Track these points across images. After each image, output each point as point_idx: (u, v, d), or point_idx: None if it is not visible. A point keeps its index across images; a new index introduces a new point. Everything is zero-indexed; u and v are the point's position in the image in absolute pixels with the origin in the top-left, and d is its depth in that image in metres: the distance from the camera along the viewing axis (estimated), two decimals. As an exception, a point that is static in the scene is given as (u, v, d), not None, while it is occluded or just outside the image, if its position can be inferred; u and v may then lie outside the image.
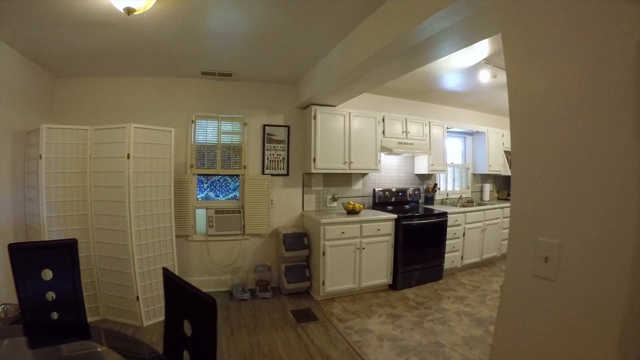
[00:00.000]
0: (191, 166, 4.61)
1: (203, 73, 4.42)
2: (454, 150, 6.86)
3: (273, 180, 4.85)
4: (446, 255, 5.28)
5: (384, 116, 5.09)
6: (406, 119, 5.31)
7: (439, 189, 6.18)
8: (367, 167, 4.95)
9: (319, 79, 3.90)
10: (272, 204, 4.83)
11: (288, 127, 4.95)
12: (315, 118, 4.56)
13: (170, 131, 3.88)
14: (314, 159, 4.56)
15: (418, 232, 4.84)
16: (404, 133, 5.26)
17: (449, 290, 4.87)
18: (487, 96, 5.73)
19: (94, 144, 3.64)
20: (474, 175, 7.10)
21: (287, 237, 4.54)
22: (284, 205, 4.95)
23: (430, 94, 5.57)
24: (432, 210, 5.31)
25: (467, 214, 5.60)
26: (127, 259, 3.51)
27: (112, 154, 3.57)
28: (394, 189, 5.51)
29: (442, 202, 6.31)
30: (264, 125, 4.86)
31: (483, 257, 6.00)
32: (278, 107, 4.94)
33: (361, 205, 4.73)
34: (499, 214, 6.29)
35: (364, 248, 4.43)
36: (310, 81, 4.26)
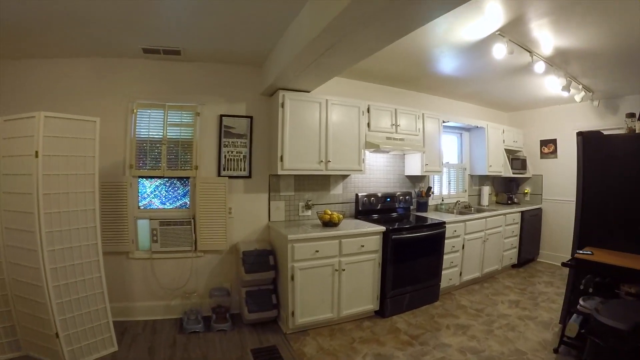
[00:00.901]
0: (131, 167, 3.77)
1: (145, 50, 3.59)
2: (449, 148, 6.13)
3: (232, 184, 4.03)
4: (443, 272, 4.55)
5: (369, 105, 4.32)
6: (396, 110, 4.55)
7: (432, 193, 5.43)
8: (348, 168, 4.16)
9: (286, 52, 3.08)
10: (230, 213, 4.00)
11: (251, 118, 4.13)
12: (283, 106, 3.74)
13: (95, 122, 3.03)
14: (282, 158, 3.74)
15: (411, 247, 4.09)
16: (393, 126, 4.50)
17: (448, 316, 4.12)
18: (491, 85, 5.05)
19: (3, 138, 2.87)
20: (471, 176, 6.40)
21: (248, 255, 3.71)
22: (246, 215, 4.12)
23: (424, 80, 4.86)
24: (427, 219, 4.58)
25: (467, 223, 4.88)
26: (41, 286, 2.72)
27: (20, 152, 2.78)
28: (380, 194, 4.75)
29: (437, 208, 5.60)
30: (221, 116, 4.02)
31: (484, 271, 5.32)
32: (239, 93, 4.11)
33: (341, 215, 3.93)
34: (501, 222, 5.59)
35: (344, 269, 3.63)
36: (277, 59, 3.44)
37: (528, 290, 5.07)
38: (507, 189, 7.07)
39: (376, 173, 4.90)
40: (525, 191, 7.03)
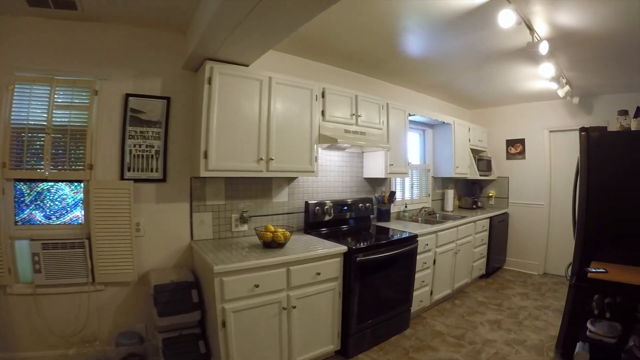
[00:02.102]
0: (3, 165, 2.68)
1: (31, 3, 2.53)
2: (411, 147, 5.44)
3: (140, 190, 3.03)
4: (414, 293, 3.87)
5: (324, 89, 3.51)
6: (356, 97, 3.79)
7: (395, 198, 4.72)
8: (296, 168, 3.31)
9: (212, 1, 2.18)
10: (138, 230, 3.02)
11: (168, 99, 3.15)
12: (210, 82, 2.82)
13: None
14: (206, 154, 2.80)
15: (379, 269, 3.33)
16: (354, 117, 3.74)
17: (425, 348, 3.44)
18: (463, 74, 4.52)
19: None
20: (434, 179, 5.79)
21: (162, 290, 2.76)
22: (160, 232, 3.13)
23: (390, 64, 4.20)
24: (393, 232, 3.87)
25: (438, 234, 4.23)
26: None
27: None
28: (335, 202, 3.94)
29: (399, 217, 4.94)
30: (127, 96, 3.01)
31: (455, 286, 4.76)
32: (154, 66, 3.12)
33: (287, 233, 3.06)
34: (471, 230, 5.06)
35: (294, 306, 2.77)
36: (201, 15, 2.53)
37: (505, 306, 4.59)
38: (470, 193, 6.59)
39: (330, 175, 4.11)
40: (490, 194, 6.59)
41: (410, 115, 4.57)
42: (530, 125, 6.16)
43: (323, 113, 3.46)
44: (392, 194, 4.53)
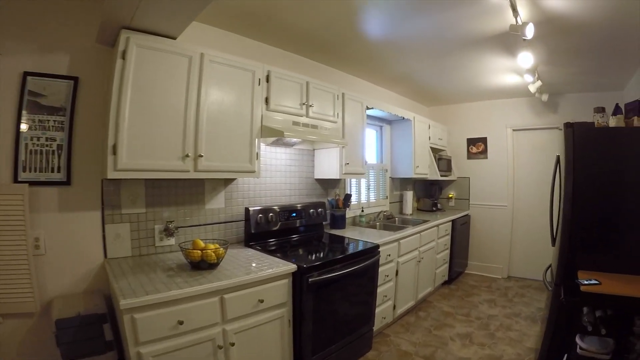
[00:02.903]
0: None
1: None
2: (368, 145, 5.06)
3: (38, 196, 2.36)
4: (377, 309, 3.45)
5: (269, 72, 2.99)
6: (308, 83, 3.30)
7: (350, 202, 4.30)
8: (232, 167, 2.74)
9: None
10: (37, 246, 2.35)
11: (75, 80, 2.49)
12: (124, 57, 2.23)
13: None
14: (115, 149, 2.19)
15: (336, 288, 2.84)
16: (304, 107, 3.25)
17: None
18: (427, 64, 4.14)
19: None
20: (392, 179, 5.43)
21: (66, 326, 2.12)
22: (66, 249, 2.46)
23: (346, 48, 3.72)
24: (352, 243, 3.40)
25: (401, 242, 3.83)
26: None
27: None
28: (282, 207, 3.43)
29: (355, 222, 4.52)
30: (25, 75, 2.34)
31: (418, 297, 4.42)
32: (61, 38, 2.44)
33: (221, 249, 2.48)
34: (434, 235, 4.72)
35: (232, 343, 2.21)
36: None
37: (473, 316, 4.31)
38: (429, 194, 6.30)
39: (276, 176, 3.59)
40: (450, 196, 6.36)
41: (368, 108, 4.14)
42: (493, 123, 5.98)
43: (267, 101, 2.94)
44: (348, 197, 4.10)
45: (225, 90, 2.67)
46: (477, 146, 6.14)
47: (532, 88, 4.25)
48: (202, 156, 2.50)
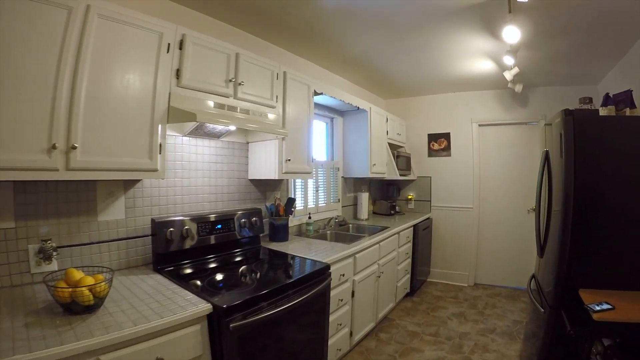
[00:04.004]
0: None
1: None
2: (316, 140, 4.43)
3: None
4: (330, 341, 2.76)
5: (183, 35, 2.22)
6: (237, 55, 2.54)
7: (295, 208, 3.63)
8: (122, 164, 1.94)
9: None
10: None
11: None
12: None
13: None
14: None
15: (272, 331, 2.10)
16: (231, 84, 2.50)
17: None
18: (388, 45, 3.47)
19: None
20: (345, 180, 4.80)
21: None
22: None
23: (296, 16, 3.00)
24: (295, 264, 2.68)
25: (357, 256, 3.17)
26: None
27: None
28: (204, 217, 2.66)
29: (301, 232, 3.84)
30: None
31: (379, 316, 3.81)
32: None
33: (103, 285, 1.68)
34: (394, 244, 4.13)
35: None
36: None
37: (443, 335, 3.78)
38: (386, 195, 5.74)
39: (196, 176, 2.80)
40: (409, 197, 5.81)
41: (316, 93, 3.46)
42: (457, 118, 5.50)
43: (178, 74, 2.17)
44: (291, 201, 3.37)
45: (117, 58, 1.89)
46: (440, 142, 5.63)
47: (509, 75, 3.74)
48: (75, 148, 1.71)
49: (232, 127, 2.54)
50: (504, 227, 5.26)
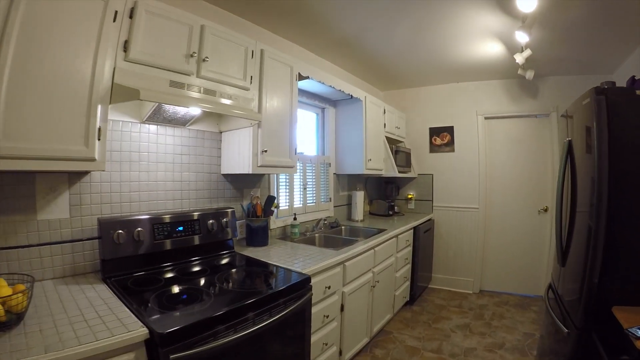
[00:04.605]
0: None
1: None
2: (305, 132, 4.10)
3: None
4: (311, 365, 2.41)
5: (135, 2, 1.84)
6: (202, 27, 2.15)
7: (277, 207, 3.29)
8: (54, 153, 1.57)
9: None
10: None
11: None
12: None
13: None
14: None
15: (234, 356, 1.70)
16: (193, 60, 2.12)
17: None
18: (386, 21, 3.05)
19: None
20: (337, 177, 4.44)
21: None
22: None
23: None
24: (265, 273, 2.29)
25: (346, 264, 2.79)
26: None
27: None
28: (156, 218, 2.27)
29: (285, 235, 3.48)
30: None
31: (374, 330, 3.42)
32: None
33: (19, 297, 1.32)
34: (392, 249, 3.76)
35: None
36: None
37: (446, 351, 3.41)
38: (384, 194, 5.37)
39: (157, 170, 2.41)
40: (409, 196, 5.43)
41: (301, 77, 3.07)
42: (461, 110, 5.13)
43: (126, 47, 1.81)
44: (271, 200, 2.97)
45: (49, 26, 1.52)
46: (442, 137, 5.25)
47: (520, 58, 3.39)
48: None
49: (196, 111, 2.22)
50: (512, 229, 4.89)
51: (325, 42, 3.74)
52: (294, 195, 3.76)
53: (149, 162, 2.36)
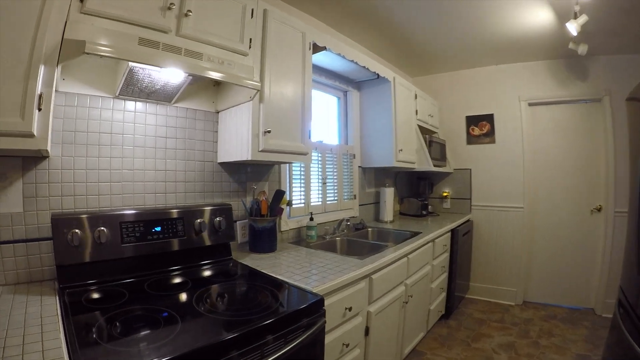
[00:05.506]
0: None
1: None
2: (324, 119, 3.64)
3: None
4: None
5: None
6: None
7: (290, 204, 2.86)
8: None
9: None
10: None
11: None
12: None
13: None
14: None
15: None
16: (170, 14, 1.64)
17: None
18: None
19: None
20: (363, 170, 3.98)
21: None
22: None
23: None
24: (264, 291, 1.80)
25: (373, 277, 2.26)
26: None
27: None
28: (123, 215, 1.83)
29: (300, 238, 3.01)
30: None
31: (405, 352, 2.92)
32: None
33: None
34: (428, 256, 3.25)
35: None
36: None
37: None
38: (416, 192, 4.86)
39: (133, 155, 1.98)
40: (444, 194, 4.91)
41: (317, 49, 2.61)
42: (502, 95, 4.58)
43: (79, -3, 1.44)
44: (279, 195, 2.49)
45: None
46: (481, 126, 4.69)
47: (574, 26, 2.85)
48: None
49: (177, 79, 1.80)
50: (560, 232, 4.31)
51: (346, 15, 3.23)
52: (311, 191, 3.28)
53: (123, 146, 1.93)
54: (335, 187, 3.61)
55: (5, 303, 1.41)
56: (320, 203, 3.39)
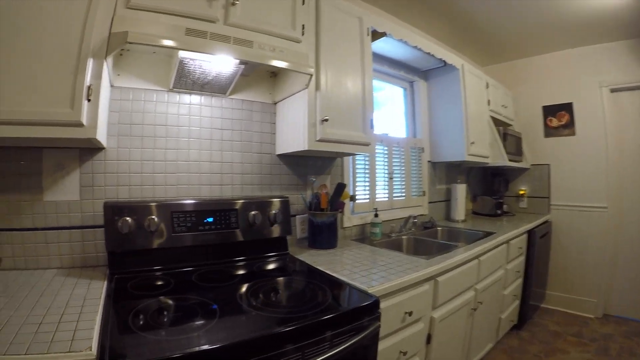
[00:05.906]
0: None
1: None
2: (389, 112, 3.52)
3: None
4: None
5: None
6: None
7: (354, 200, 2.75)
8: (29, 117, 1.25)
9: None
10: None
11: None
12: None
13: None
14: None
15: None
16: (217, 4, 1.63)
17: None
18: None
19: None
20: (433, 165, 3.80)
21: None
22: None
23: None
24: (317, 288, 1.67)
25: (439, 279, 2.08)
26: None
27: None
28: (175, 205, 1.82)
29: (364, 235, 2.89)
30: None
31: None
32: None
33: None
34: (502, 258, 3.01)
35: None
36: None
37: None
38: (490, 190, 4.59)
39: (188, 147, 2.00)
40: (521, 192, 4.58)
41: (376, 36, 2.49)
42: (581, 81, 4.15)
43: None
44: (340, 188, 2.39)
45: None
46: (559, 117, 4.30)
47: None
48: None
49: (228, 68, 1.78)
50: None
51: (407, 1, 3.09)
52: (376, 187, 3.16)
53: (178, 138, 1.95)
54: (403, 183, 3.45)
55: (56, 284, 1.50)
56: (386, 199, 3.25)
